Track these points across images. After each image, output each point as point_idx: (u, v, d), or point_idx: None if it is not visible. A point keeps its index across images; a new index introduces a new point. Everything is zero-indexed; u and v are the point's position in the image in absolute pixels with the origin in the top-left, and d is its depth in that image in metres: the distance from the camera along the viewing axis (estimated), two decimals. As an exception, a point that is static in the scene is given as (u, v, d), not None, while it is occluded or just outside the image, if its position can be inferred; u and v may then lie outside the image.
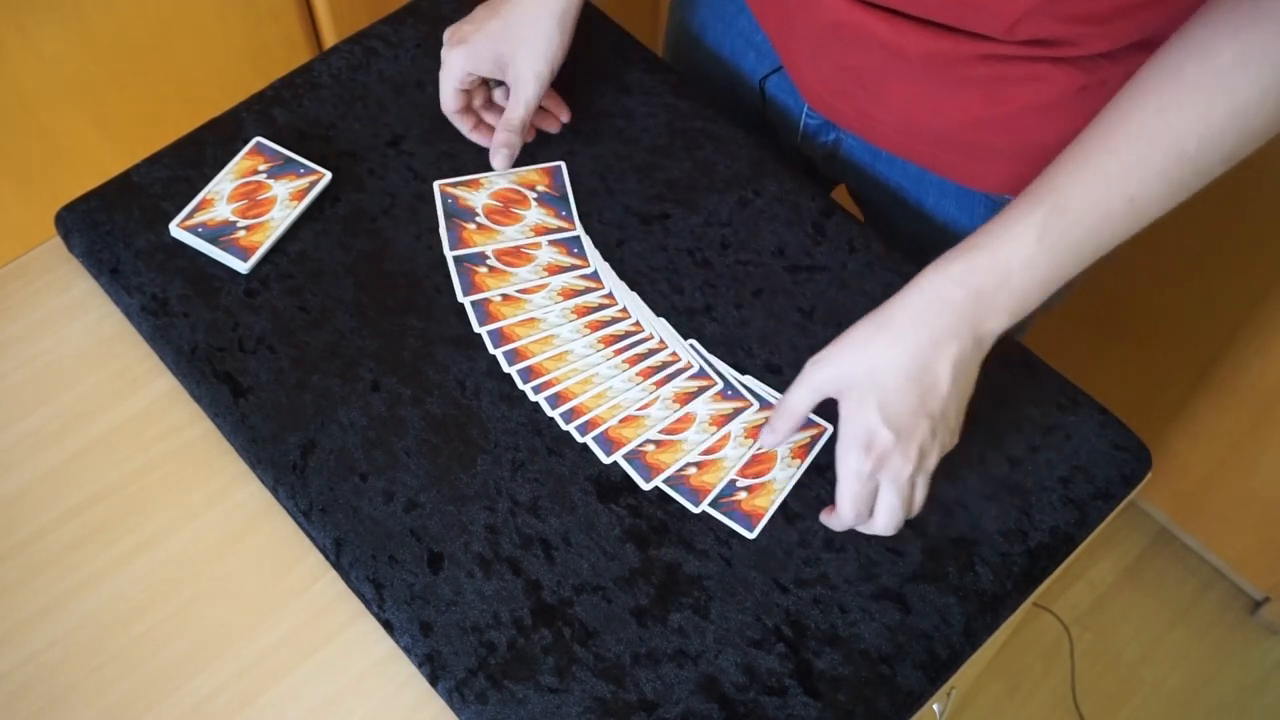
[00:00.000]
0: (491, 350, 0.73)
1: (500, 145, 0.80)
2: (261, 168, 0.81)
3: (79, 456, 0.72)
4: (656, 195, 0.81)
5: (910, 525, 0.68)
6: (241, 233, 0.78)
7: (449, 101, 0.82)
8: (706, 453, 0.70)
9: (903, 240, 0.88)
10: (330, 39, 1.27)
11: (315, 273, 0.77)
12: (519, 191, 0.80)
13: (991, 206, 0.80)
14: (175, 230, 0.78)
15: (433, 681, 0.64)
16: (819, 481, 0.69)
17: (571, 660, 0.63)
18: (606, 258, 0.78)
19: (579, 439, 0.70)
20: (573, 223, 0.79)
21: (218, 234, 0.78)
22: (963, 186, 0.80)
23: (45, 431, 0.73)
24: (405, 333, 0.75)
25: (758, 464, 0.70)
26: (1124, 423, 0.72)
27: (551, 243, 0.77)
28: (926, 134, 0.76)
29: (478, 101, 0.84)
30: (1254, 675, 1.53)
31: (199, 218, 0.78)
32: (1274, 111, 0.59)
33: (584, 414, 0.71)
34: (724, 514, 0.68)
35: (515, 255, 0.77)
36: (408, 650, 0.65)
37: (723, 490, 0.68)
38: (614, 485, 0.69)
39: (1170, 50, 0.61)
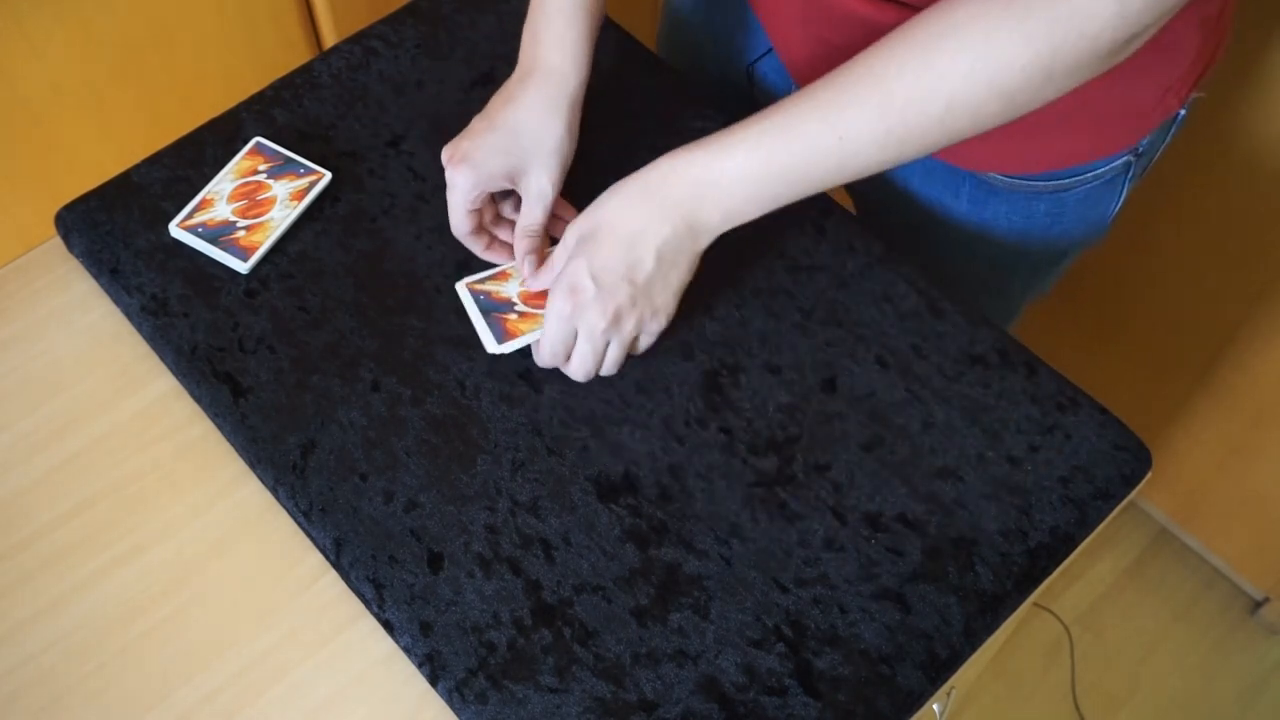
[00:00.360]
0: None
1: (527, 253, 0.75)
2: (261, 168, 0.81)
3: (79, 456, 0.72)
4: (656, 195, 0.80)
5: (910, 525, 0.68)
6: (241, 233, 0.78)
7: (461, 224, 0.77)
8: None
9: (891, 223, 0.88)
10: (330, 39, 1.27)
11: (315, 273, 0.77)
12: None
13: (977, 184, 0.81)
14: (175, 230, 0.78)
15: (433, 681, 0.64)
16: (819, 481, 0.69)
17: (571, 660, 0.63)
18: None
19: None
20: None
21: (218, 234, 0.78)
22: (948, 165, 0.80)
23: (45, 431, 0.73)
24: (405, 333, 0.75)
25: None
26: (1124, 423, 0.72)
27: None
28: None
29: (488, 218, 0.79)
30: (1254, 675, 1.53)
31: (199, 218, 0.78)
32: (982, 88, 0.59)
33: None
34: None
35: None
36: (408, 650, 0.65)
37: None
38: (614, 485, 0.69)
39: (926, 11, 0.62)
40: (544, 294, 0.72)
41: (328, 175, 0.81)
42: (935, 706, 0.82)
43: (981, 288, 0.89)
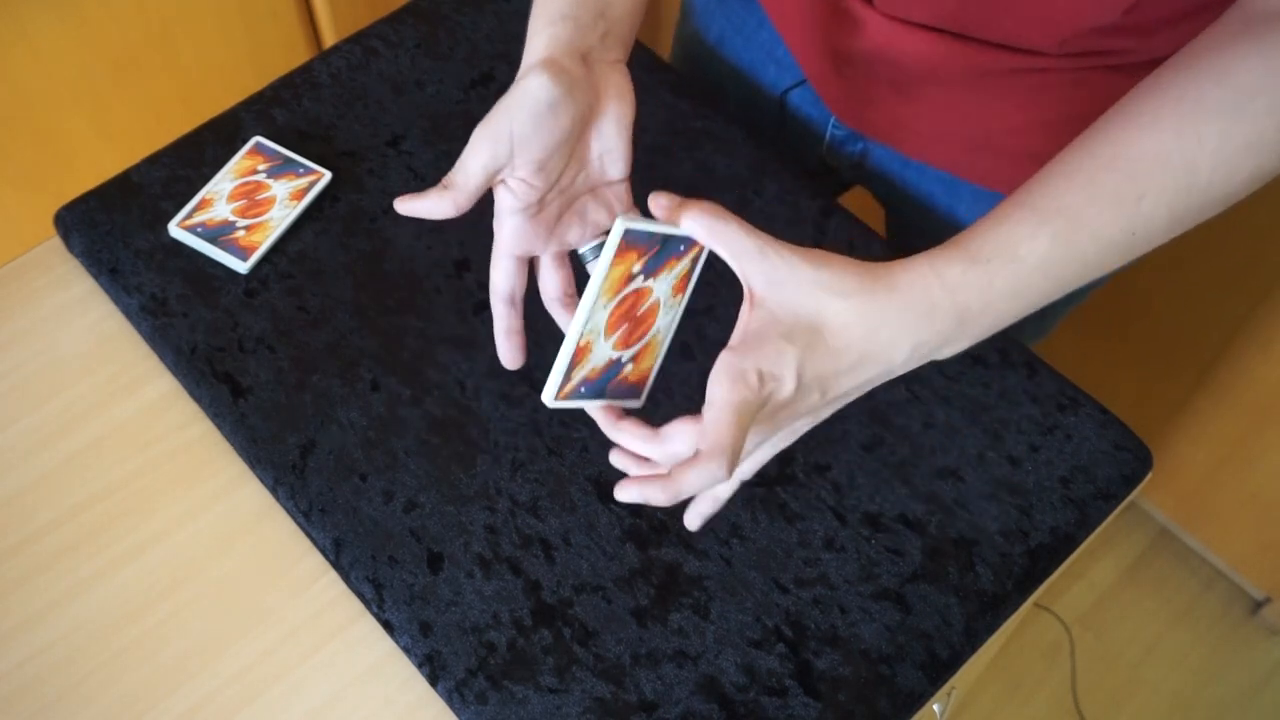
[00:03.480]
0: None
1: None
2: (261, 167, 0.81)
3: (79, 456, 0.72)
4: (656, 195, 0.81)
5: (910, 525, 0.68)
6: (241, 232, 0.78)
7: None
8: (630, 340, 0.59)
9: (929, 248, 0.87)
10: (330, 39, 1.27)
11: (315, 273, 0.77)
12: (628, 295, 0.59)
13: None
14: (175, 230, 0.78)
15: (433, 681, 0.64)
16: (819, 481, 0.69)
17: (571, 660, 0.63)
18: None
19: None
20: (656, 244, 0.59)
21: (217, 234, 0.78)
22: (997, 193, 0.79)
23: (45, 431, 0.73)
24: (405, 333, 0.75)
25: (638, 327, 0.60)
26: (1124, 423, 0.72)
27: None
28: (963, 141, 0.75)
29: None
30: (1255, 675, 1.53)
31: (198, 217, 0.78)
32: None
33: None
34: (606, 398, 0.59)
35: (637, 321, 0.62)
36: (408, 650, 0.65)
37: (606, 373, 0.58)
38: (614, 485, 0.69)
39: (1189, 69, 0.54)
40: (638, 320, 0.60)
41: (327, 175, 0.81)
42: (935, 707, 0.82)
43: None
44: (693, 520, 0.62)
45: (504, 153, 0.61)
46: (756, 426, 0.54)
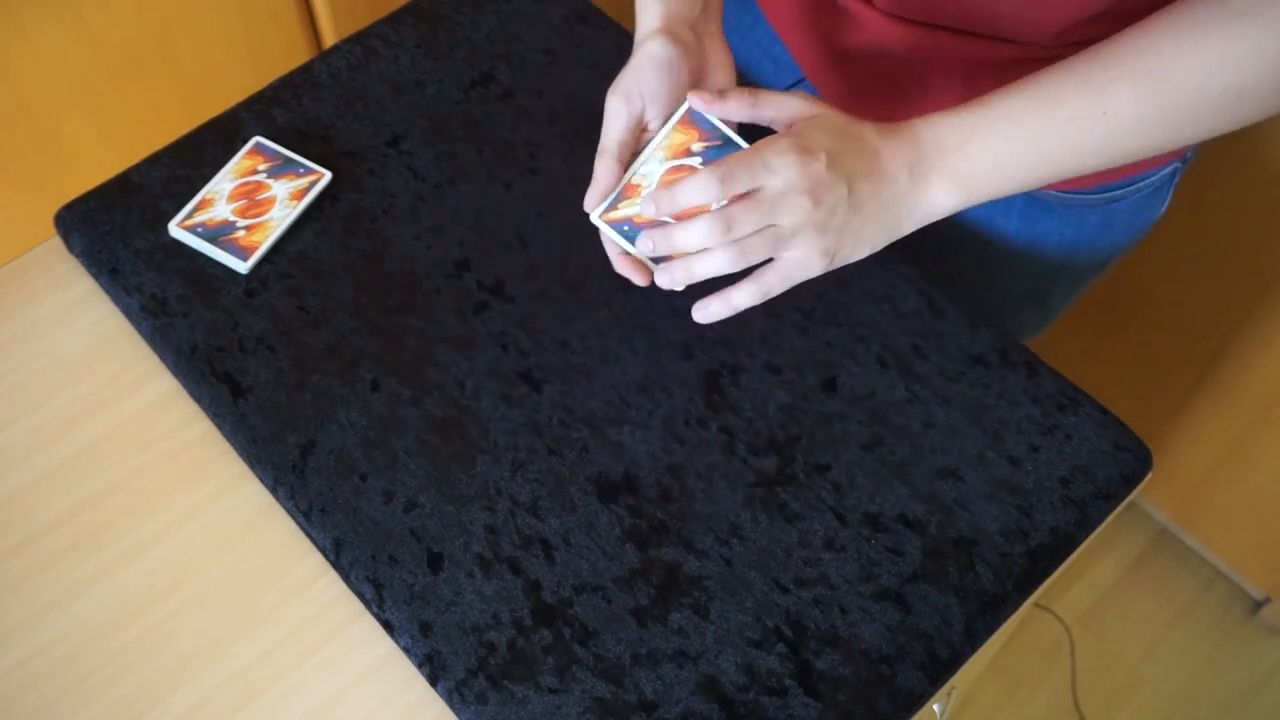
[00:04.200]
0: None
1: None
2: (261, 167, 0.81)
3: (79, 456, 0.72)
4: (656, 195, 0.81)
5: (910, 525, 0.68)
6: (241, 233, 0.78)
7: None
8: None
9: (931, 241, 0.87)
10: (330, 39, 1.27)
11: (315, 273, 0.77)
12: (684, 168, 0.68)
13: (1029, 202, 0.80)
14: (175, 230, 0.78)
15: (433, 681, 0.64)
16: (819, 481, 0.69)
17: (571, 660, 0.63)
18: (606, 257, 0.78)
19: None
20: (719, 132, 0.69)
21: (217, 234, 0.78)
22: None
23: (45, 431, 0.73)
24: (405, 333, 0.75)
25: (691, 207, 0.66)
26: (1124, 423, 0.72)
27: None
28: None
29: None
30: (1255, 675, 1.53)
31: (199, 217, 0.78)
32: (1267, 75, 0.57)
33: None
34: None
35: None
36: (408, 650, 0.65)
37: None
38: (614, 485, 0.69)
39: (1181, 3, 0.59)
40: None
41: (327, 175, 0.81)
42: (935, 707, 0.82)
43: (1025, 300, 0.88)
44: (700, 312, 0.67)
45: (638, 108, 0.67)
46: (793, 199, 0.61)
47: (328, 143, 0.83)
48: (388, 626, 0.65)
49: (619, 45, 0.89)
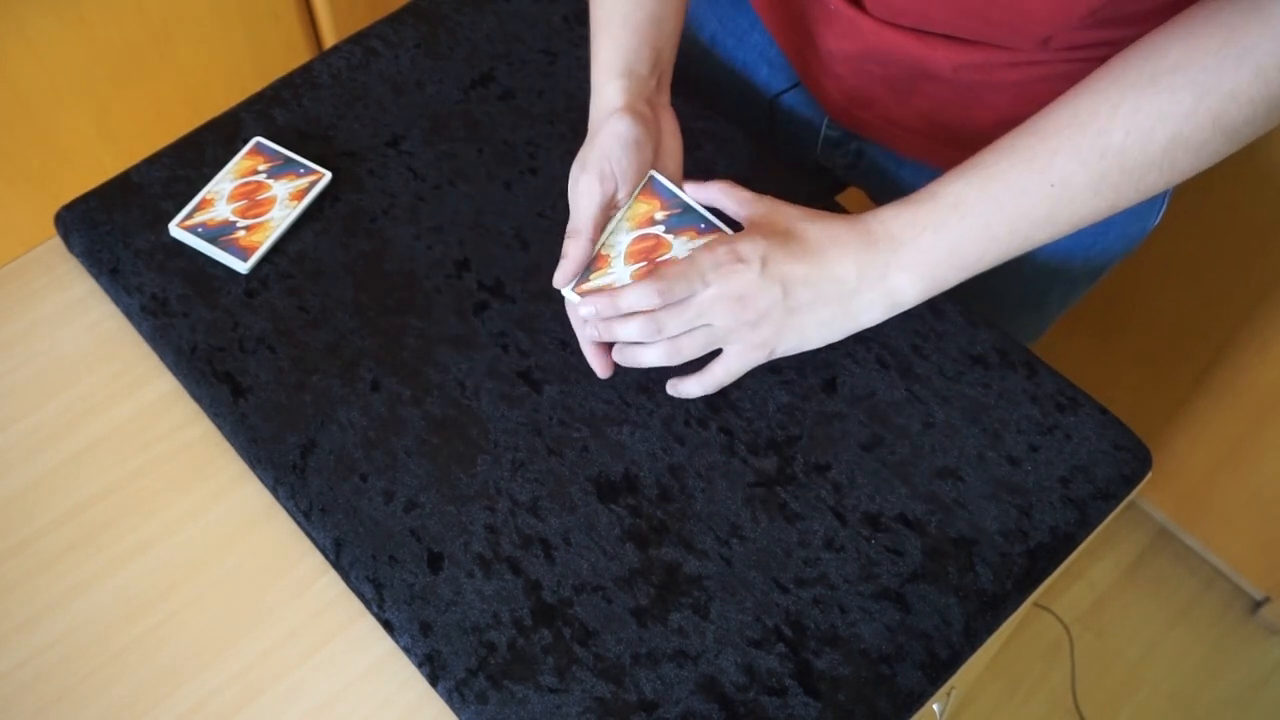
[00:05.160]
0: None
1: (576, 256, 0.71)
2: (261, 168, 0.81)
3: (79, 456, 0.72)
4: (656, 195, 0.81)
5: (910, 525, 0.68)
6: (241, 233, 0.78)
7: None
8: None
9: None
10: (330, 39, 1.27)
11: (315, 273, 0.77)
12: (649, 236, 0.72)
13: None
14: (175, 230, 0.78)
15: (433, 681, 0.64)
16: (819, 481, 0.69)
17: (571, 660, 0.63)
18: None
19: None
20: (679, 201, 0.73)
21: (217, 234, 0.78)
22: None
23: (45, 431, 0.73)
24: (405, 333, 0.75)
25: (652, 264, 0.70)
26: (1124, 423, 0.72)
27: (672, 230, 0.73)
28: (955, 137, 0.76)
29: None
30: (1254, 675, 1.53)
31: (199, 218, 0.78)
32: (1208, 124, 0.58)
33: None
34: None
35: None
36: (408, 650, 0.65)
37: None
38: (614, 485, 0.69)
39: (1124, 52, 0.60)
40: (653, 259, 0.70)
41: (328, 175, 0.81)
42: (935, 706, 0.82)
43: (1019, 306, 0.88)
44: (616, 353, 0.71)
45: (610, 188, 0.70)
46: (722, 305, 0.66)
47: (328, 143, 0.83)
48: (388, 626, 0.65)
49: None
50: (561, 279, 0.70)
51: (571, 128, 0.84)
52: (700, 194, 0.71)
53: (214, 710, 0.64)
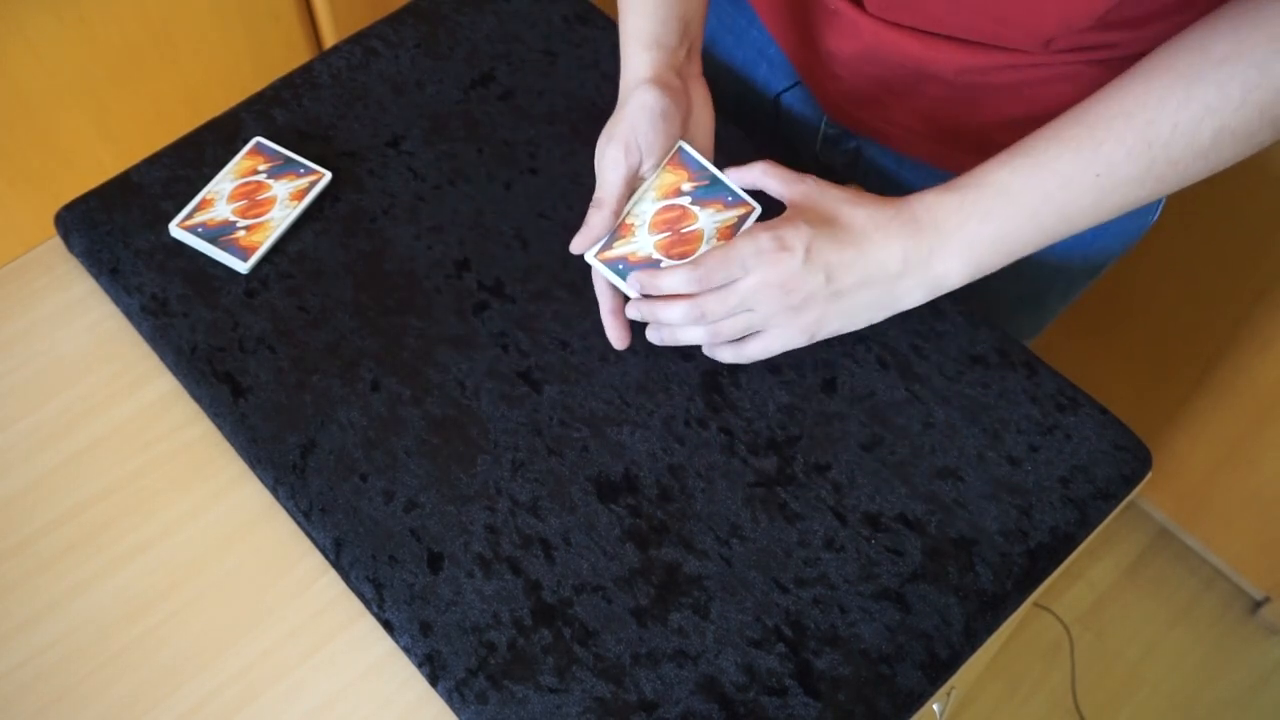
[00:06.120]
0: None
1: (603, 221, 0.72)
2: (261, 168, 0.81)
3: (79, 456, 0.72)
4: (656, 195, 0.81)
5: (910, 525, 0.68)
6: (241, 233, 0.78)
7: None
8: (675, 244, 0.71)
9: None
10: (330, 39, 1.27)
11: (315, 273, 0.77)
12: (675, 207, 0.72)
13: None
14: (175, 230, 0.78)
15: (433, 681, 0.64)
16: (819, 481, 0.69)
17: (571, 660, 0.63)
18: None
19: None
20: (708, 172, 0.73)
21: (217, 234, 0.78)
22: None
23: (45, 431, 0.73)
24: (405, 333, 0.75)
25: (683, 244, 0.71)
26: (1124, 423, 0.72)
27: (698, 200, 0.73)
28: (955, 138, 0.76)
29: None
30: (1254, 675, 1.53)
31: (199, 218, 0.78)
32: (1255, 116, 0.58)
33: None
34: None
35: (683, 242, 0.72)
36: (408, 650, 0.65)
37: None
38: (614, 485, 0.69)
39: (1169, 44, 0.61)
40: (685, 240, 0.70)
41: (328, 175, 0.81)
42: (935, 706, 0.82)
43: (1018, 304, 0.89)
44: (651, 333, 0.71)
45: (636, 160, 0.70)
46: (765, 292, 0.66)
47: (328, 143, 0.83)
48: (388, 626, 0.65)
49: (619, 45, 0.89)
50: (579, 244, 0.70)
51: (571, 128, 0.84)
52: (742, 176, 0.71)
53: (214, 710, 0.64)
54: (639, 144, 0.70)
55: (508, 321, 0.75)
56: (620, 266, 0.70)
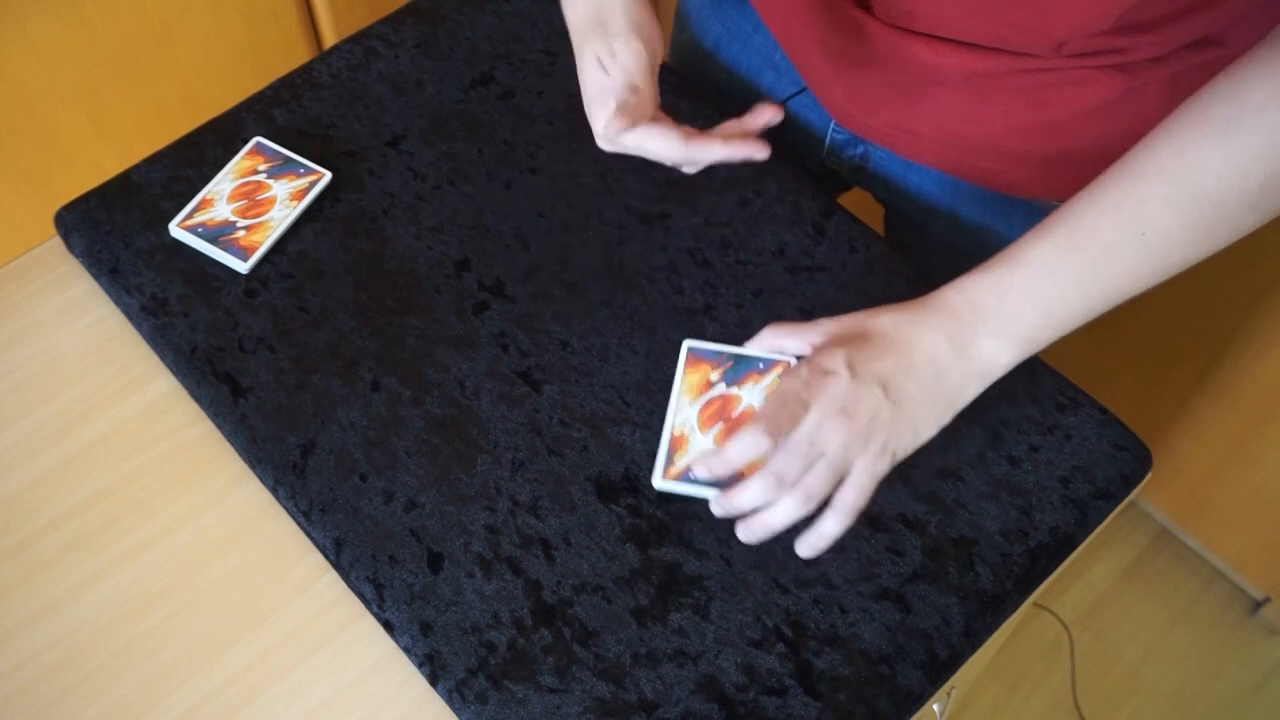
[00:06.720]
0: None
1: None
2: (261, 168, 0.81)
3: (79, 456, 0.72)
4: (657, 195, 0.81)
5: (910, 525, 0.68)
6: (241, 233, 0.78)
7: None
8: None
9: (937, 249, 0.87)
10: (330, 39, 1.27)
11: (315, 273, 0.77)
12: (714, 399, 0.70)
13: (1030, 212, 0.80)
14: (175, 230, 0.78)
15: (433, 681, 0.64)
16: (819, 481, 0.69)
17: (571, 660, 0.63)
18: (606, 257, 0.78)
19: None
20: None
21: (217, 234, 0.78)
22: (998, 193, 0.79)
23: (45, 431, 0.73)
24: (405, 333, 0.75)
25: (737, 426, 0.68)
26: (1124, 423, 0.72)
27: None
28: (965, 144, 0.75)
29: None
30: (1254, 675, 1.53)
31: (199, 218, 0.78)
32: None
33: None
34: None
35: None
36: (408, 650, 0.65)
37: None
38: (614, 485, 0.69)
39: (1203, 93, 0.59)
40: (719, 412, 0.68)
41: (328, 175, 0.81)
42: (935, 706, 0.82)
43: None
44: (742, 532, 0.64)
45: (658, 47, 0.70)
46: (830, 425, 0.61)
47: (328, 143, 0.83)
48: (388, 626, 0.65)
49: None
50: (604, 132, 0.69)
51: (571, 128, 0.84)
52: (758, 345, 0.69)
53: (214, 710, 0.64)
54: (654, 35, 0.68)
55: (508, 321, 0.75)
56: (689, 477, 0.67)
